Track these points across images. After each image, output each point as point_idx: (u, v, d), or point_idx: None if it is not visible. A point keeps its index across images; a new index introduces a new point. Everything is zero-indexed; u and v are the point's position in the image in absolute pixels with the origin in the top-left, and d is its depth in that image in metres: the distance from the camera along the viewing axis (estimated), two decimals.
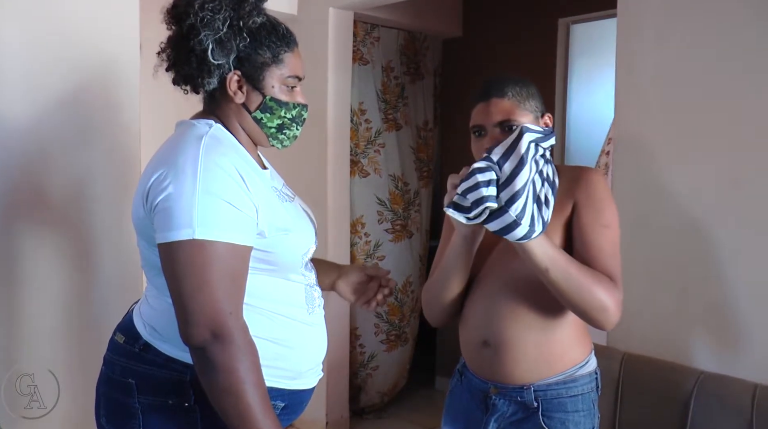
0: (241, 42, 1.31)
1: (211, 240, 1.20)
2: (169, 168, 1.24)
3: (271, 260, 1.34)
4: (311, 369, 1.46)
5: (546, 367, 1.47)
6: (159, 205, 1.22)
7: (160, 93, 1.49)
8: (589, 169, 1.50)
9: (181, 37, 1.31)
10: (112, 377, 1.38)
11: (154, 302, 1.38)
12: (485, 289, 1.53)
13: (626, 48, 2.12)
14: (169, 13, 1.35)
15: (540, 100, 1.48)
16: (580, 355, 1.51)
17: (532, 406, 1.47)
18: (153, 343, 1.34)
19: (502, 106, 1.43)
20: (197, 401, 1.31)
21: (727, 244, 1.92)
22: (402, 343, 3.70)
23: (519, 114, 1.42)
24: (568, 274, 1.34)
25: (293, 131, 1.43)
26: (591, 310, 1.36)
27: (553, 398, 1.47)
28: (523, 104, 1.43)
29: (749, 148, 1.88)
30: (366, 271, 1.66)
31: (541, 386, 1.47)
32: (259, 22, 1.34)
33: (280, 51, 1.36)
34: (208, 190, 1.21)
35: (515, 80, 1.46)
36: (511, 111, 1.42)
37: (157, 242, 1.24)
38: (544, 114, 1.49)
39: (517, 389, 1.49)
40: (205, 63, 1.30)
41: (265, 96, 1.36)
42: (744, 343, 1.90)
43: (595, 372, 1.54)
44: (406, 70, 3.71)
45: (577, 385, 1.48)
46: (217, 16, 1.28)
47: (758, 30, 1.86)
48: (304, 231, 1.43)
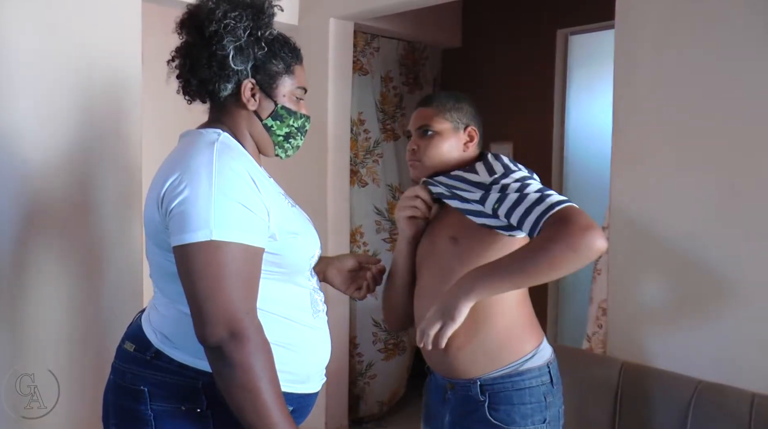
0: (259, 51, 1.37)
1: (228, 241, 1.22)
2: (184, 172, 1.26)
3: (280, 263, 1.36)
4: (317, 373, 1.48)
5: (486, 361, 1.49)
6: (175, 209, 1.25)
7: (163, 104, 1.51)
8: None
9: (203, 43, 1.36)
10: (122, 385, 1.39)
11: (164, 310, 1.39)
12: (423, 285, 1.61)
13: (624, 59, 2.14)
14: (185, 23, 1.39)
15: (468, 114, 1.60)
16: (523, 348, 1.51)
17: (479, 399, 1.50)
18: (164, 350, 1.35)
19: (425, 113, 1.60)
20: (209, 407, 1.32)
21: (726, 253, 1.93)
22: (400, 351, 3.70)
23: (436, 121, 1.58)
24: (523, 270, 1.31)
25: (297, 141, 1.49)
26: (577, 262, 1.29)
27: (500, 391, 1.49)
28: (442, 114, 1.58)
29: (747, 157, 1.90)
30: (358, 259, 1.68)
31: (487, 380, 1.50)
32: (275, 34, 1.41)
33: (291, 62, 1.43)
34: (223, 192, 1.24)
35: (447, 94, 1.63)
36: (429, 118, 1.59)
37: (174, 245, 1.25)
38: (467, 127, 1.60)
39: (466, 383, 1.52)
40: (225, 68, 1.35)
41: (277, 104, 1.42)
42: (742, 353, 1.90)
43: (547, 365, 1.52)
44: (405, 80, 3.73)
45: (524, 378, 1.49)
46: (239, 25, 1.34)
47: (756, 40, 1.88)
48: (312, 235, 1.47)
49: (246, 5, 1.36)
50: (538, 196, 1.36)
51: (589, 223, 1.28)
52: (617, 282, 2.17)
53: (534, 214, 1.34)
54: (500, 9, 3.69)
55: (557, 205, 1.32)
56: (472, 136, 1.60)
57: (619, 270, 2.16)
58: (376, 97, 3.54)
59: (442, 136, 1.58)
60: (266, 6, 1.39)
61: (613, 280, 2.18)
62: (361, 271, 1.67)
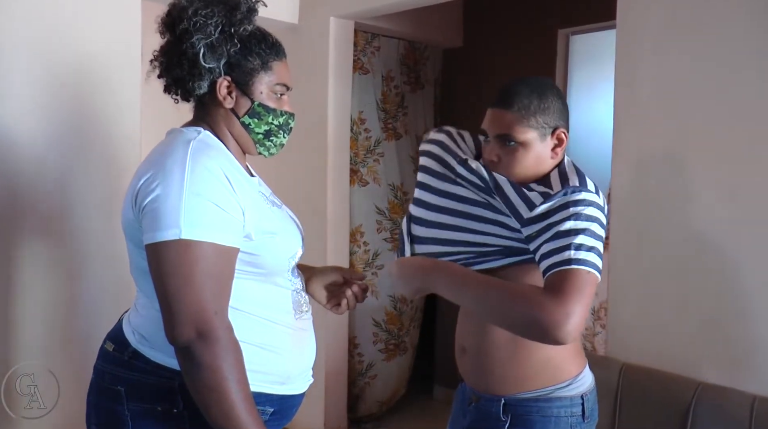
0: (232, 47, 1.35)
1: (197, 240, 1.22)
2: (158, 171, 1.26)
3: (258, 263, 1.36)
4: (300, 374, 1.47)
5: (516, 381, 1.43)
6: (147, 207, 1.25)
7: (162, 103, 1.50)
8: None
9: (175, 41, 1.36)
10: (101, 385, 1.40)
11: (142, 310, 1.40)
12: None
13: (625, 59, 2.13)
14: (163, 22, 1.39)
15: (555, 113, 1.38)
16: (559, 375, 1.42)
17: (500, 418, 1.43)
18: (142, 350, 1.35)
19: (505, 119, 1.37)
20: (186, 407, 1.32)
21: (726, 255, 1.93)
22: (401, 352, 3.70)
23: (519, 131, 1.36)
24: (478, 300, 1.30)
25: (280, 139, 1.46)
26: (517, 332, 1.29)
27: (523, 414, 1.41)
28: (527, 120, 1.36)
29: (748, 159, 1.89)
30: (342, 274, 1.65)
31: (512, 400, 1.42)
32: (250, 29, 1.38)
33: (269, 59, 1.40)
34: (195, 191, 1.23)
35: (530, 90, 1.37)
36: (511, 126, 1.36)
37: (145, 243, 1.25)
38: (556, 130, 1.39)
39: (489, 399, 1.46)
40: (196, 66, 1.34)
41: (254, 101, 1.39)
42: (743, 354, 1.90)
43: (582, 397, 1.43)
44: (406, 79, 3.72)
45: (552, 406, 1.40)
46: (210, 22, 1.32)
47: (757, 41, 1.87)
48: (291, 235, 1.45)
49: (219, 1, 1.35)
50: (568, 243, 1.25)
51: (568, 314, 1.19)
52: (617, 282, 2.17)
53: (551, 259, 1.26)
54: (501, 9, 3.68)
55: (567, 265, 1.24)
56: (561, 139, 1.39)
57: (619, 270, 2.15)
58: (377, 96, 3.53)
59: (527, 147, 1.37)
60: (242, 2, 1.37)
61: (613, 280, 2.18)
62: (343, 287, 1.63)
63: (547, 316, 1.19)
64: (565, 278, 1.23)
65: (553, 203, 1.30)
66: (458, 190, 1.43)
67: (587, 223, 1.27)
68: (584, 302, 1.22)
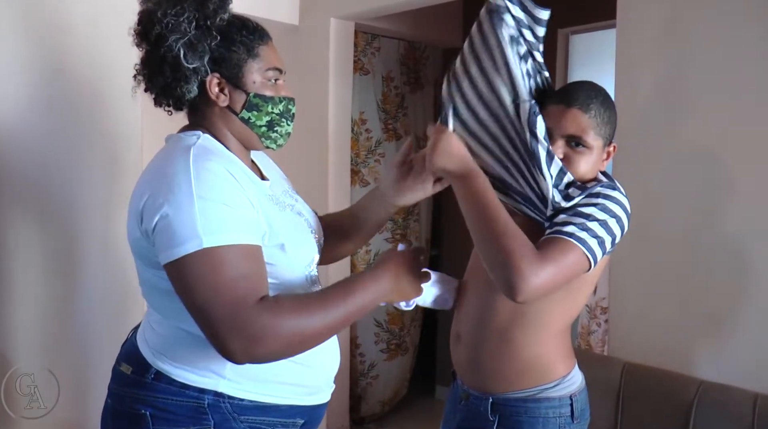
0: (212, 41, 1.26)
1: (222, 245, 1.14)
2: (161, 184, 1.19)
3: (274, 274, 1.28)
4: (326, 383, 1.42)
5: (505, 380, 1.43)
6: (159, 224, 1.16)
7: None
8: None
9: (152, 49, 1.27)
10: (120, 410, 1.31)
11: (159, 328, 1.32)
12: (470, 284, 1.56)
13: (625, 58, 2.13)
14: (136, 32, 1.31)
15: (614, 128, 1.39)
16: (547, 375, 1.42)
17: (488, 417, 1.43)
18: (164, 370, 1.27)
19: (581, 121, 1.34)
20: (216, 426, 1.26)
21: (728, 253, 1.93)
22: (402, 352, 3.70)
23: (591, 136, 1.35)
24: (480, 221, 1.29)
25: (284, 128, 1.36)
26: (489, 270, 1.27)
27: (511, 415, 1.41)
28: (599, 128, 1.35)
29: (748, 156, 1.89)
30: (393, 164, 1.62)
31: (500, 399, 1.43)
32: (227, 18, 1.29)
33: (254, 45, 1.31)
34: (204, 196, 1.16)
35: (604, 99, 1.37)
36: (585, 130, 1.34)
37: (164, 263, 1.17)
38: (611, 142, 1.40)
39: (478, 397, 1.46)
40: (179, 69, 1.25)
41: (249, 93, 1.30)
42: (745, 353, 1.90)
43: (571, 398, 1.42)
44: (407, 80, 3.72)
45: (540, 407, 1.40)
46: (182, 19, 1.23)
47: (757, 40, 1.87)
48: (302, 242, 1.37)
49: None
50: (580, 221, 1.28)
51: (537, 273, 1.20)
52: (617, 282, 2.17)
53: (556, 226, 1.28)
54: None
55: (566, 236, 1.26)
56: (609, 153, 1.41)
57: (619, 270, 2.15)
58: (377, 96, 3.53)
59: (593, 153, 1.37)
60: None
61: (614, 280, 2.18)
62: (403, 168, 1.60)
63: (518, 264, 1.20)
64: (554, 244, 1.25)
65: (587, 192, 1.33)
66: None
67: (607, 216, 1.29)
68: (559, 271, 1.23)
